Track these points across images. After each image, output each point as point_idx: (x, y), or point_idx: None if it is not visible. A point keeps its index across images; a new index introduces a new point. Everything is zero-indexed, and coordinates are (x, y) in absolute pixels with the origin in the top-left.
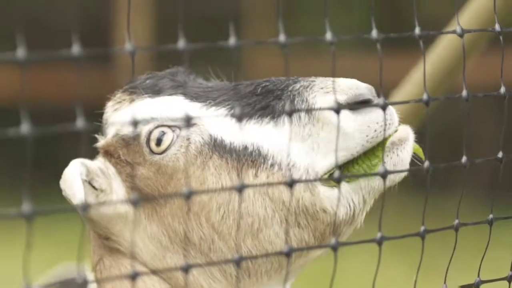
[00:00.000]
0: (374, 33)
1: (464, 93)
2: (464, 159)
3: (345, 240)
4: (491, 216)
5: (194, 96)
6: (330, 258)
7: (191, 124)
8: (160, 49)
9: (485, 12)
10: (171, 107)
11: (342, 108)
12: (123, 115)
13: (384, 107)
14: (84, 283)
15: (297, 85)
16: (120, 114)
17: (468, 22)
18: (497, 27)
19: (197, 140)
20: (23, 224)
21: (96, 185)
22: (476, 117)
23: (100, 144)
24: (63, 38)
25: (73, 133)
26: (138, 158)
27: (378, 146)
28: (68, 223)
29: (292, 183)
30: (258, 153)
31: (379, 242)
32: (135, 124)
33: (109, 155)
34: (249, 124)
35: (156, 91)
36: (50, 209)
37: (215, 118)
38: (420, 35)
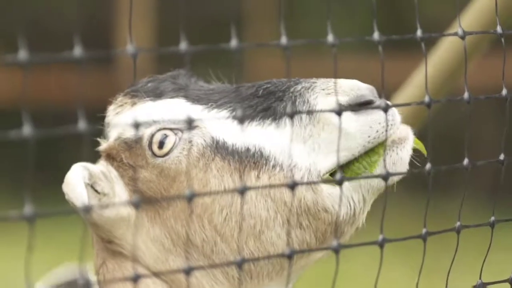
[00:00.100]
0: (376, 35)
1: (465, 95)
2: (465, 161)
3: (347, 242)
4: (492, 218)
5: (196, 99)
6: (331, 260)
7: (193, 126)
8: (161, 51)
9: (486, 14)
10: (173, 110)
11: (344, 111)
12: (125, 118)
13: (386, 109)
14: (87, 284)
15: (299, 87)
16: (122, 118)
17: (470, 24)
18: (498, 29)
19: (199, 142)
20: (25, 226)
21: (98, 188)
22: (477, 119)
23: (102, 147)
24: (65, 40)
25: (75, 135)
26: (141, 161)
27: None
28: (69, 226)
29: (294, 186)
30: (260, 155)
31: (381, 245)
32: (137, 127)
33: (111, 158)
34: (251, 126)
35: (157, 94)
36: (52, 212)
37: (217, 121)
38: (421, 37)
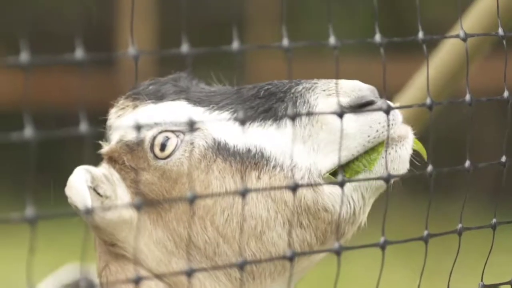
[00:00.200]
0: (377, 38)
1: (467, 97)
2: (467, 163)
3: (348, 244)
4: (494, 220)
5: (197, 101)
6: (333, 262)
7: (194, 128)
8: (163, 53)
9: (488, 16)
10: (174, 112)
11: (345, 112)
12: (126, 121)
13: (387, 110)
14: (90, 286)
15: (300, 87)
16: (124, 120)
17: (471, 26)
18: (500, 31)
19: (201, 144)
20: (27, 228)
21: (101, 191)
22: (479, 122)
23: (104, 150)
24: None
25: (76, 137)
26: (143, 164)
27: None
28: (71, 228)
29: (295, 188)
30: (261, 155)
31: (383, 247)
32: (138, 129)
33: (113, 161)
34: (252, 127)
35: (159, 96)
36: (53, 214)
37: (218, 122)
38: (423, 40)
